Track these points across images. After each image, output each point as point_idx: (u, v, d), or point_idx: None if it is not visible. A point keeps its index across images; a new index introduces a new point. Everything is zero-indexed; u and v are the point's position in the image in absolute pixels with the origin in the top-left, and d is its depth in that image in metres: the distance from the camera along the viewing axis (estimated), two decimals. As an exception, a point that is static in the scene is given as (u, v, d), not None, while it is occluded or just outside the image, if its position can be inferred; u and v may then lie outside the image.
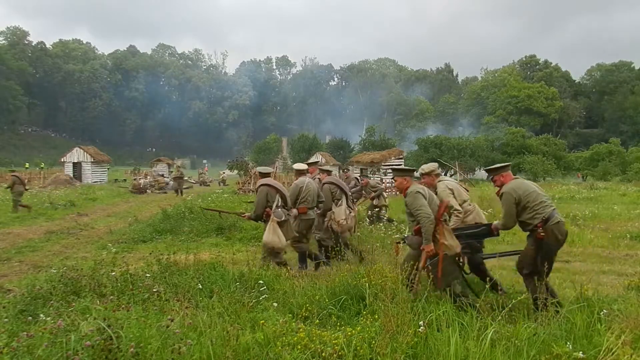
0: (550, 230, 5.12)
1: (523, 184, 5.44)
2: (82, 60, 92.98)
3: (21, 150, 72.78)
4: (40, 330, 3.58)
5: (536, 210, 5.20)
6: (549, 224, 5.14)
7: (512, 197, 5.28)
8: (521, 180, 5.56)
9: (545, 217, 5.15)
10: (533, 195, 5.28)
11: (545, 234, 5.11)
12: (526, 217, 5.25)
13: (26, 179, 33.60)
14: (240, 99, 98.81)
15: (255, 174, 29.63)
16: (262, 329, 3.93)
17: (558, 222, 5.19)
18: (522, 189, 5.32)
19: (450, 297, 4.82)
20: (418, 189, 5.27)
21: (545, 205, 5.24)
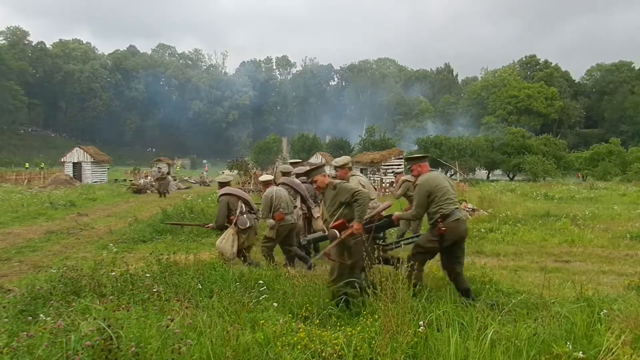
0: (449, 226, 5.32)
1: (437, 178, 5.62)
2: (82, 60, 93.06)
3: (21, 150, 72.80)
4: (40, 330, 3.58)
5: (440, 205, 5.39)
6: (448, 221, 5.33)
7: (425, 189, 5.46)
8: (436, 174, 5.75)
9: (446, 214, 5.35)
10: (443, 190, 5.45)
11: (445, 229, 5.30)
12: (432, 209, 5.45)
13: (26, 179, 33.75)
14: (240, 99, 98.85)
15: (255, 174, 29.64)
16: (262, 329, 3.94)
17: (457, 220, 5.40)
18: (435, 182, 5.50)
19: None
20: None
21: (450, 202, 5.43)
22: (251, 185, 27.63)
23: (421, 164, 5.84)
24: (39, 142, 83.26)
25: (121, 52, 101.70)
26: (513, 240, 10.96)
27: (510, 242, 10.84)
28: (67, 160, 38.90)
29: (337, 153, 50.33)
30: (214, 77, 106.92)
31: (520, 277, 7.21)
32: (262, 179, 8.62)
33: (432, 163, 45.94)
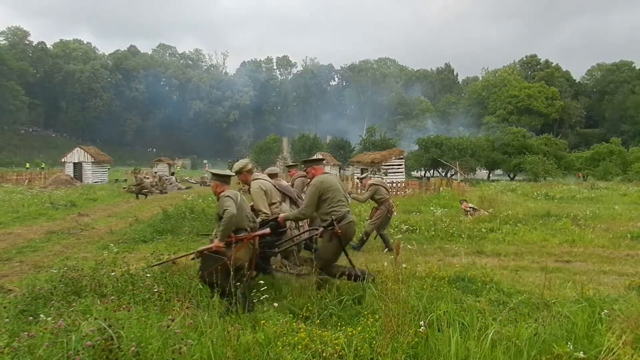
0: (342, 228, 5.47)
1: (329, 180, 5.71)
2: (82, 60, 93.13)
3: (22, 151, 72.88)
4: (41, 330, 3.58)
5: (333, 207, 5.52)
6: (342, 223, 5.49)
7: (317, 189, 5.56)
8: (329, 176, 5.84)
9: (339, 216, 5.48)
10: (335, 192, 5.58)
11: (340, 231, 5.46)
12: (324, 210, 5.56)
13: (27, 179, 33.76)
14: (240, 98, 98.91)
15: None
16: (262, 329, 3.94)
17: (349, 223, 5.59)
18: (327, 184, 5.60)
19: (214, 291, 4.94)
20: (229, 194, 5.30)
21: (342, 205, 5.59)
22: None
23: (315, 167, 5.96)
24: (39, 142, 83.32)
25: (122, 52, 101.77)
26: (514, 240, 10.96)
27: (511, 242, 10.83)
28: (68, 160, 38.91)
29: (337, 153, 50.39)
30: (215, 77, 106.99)
31: (521, 277, 7.21)
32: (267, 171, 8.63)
33: (433, 163, 46.05)
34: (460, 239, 11.16)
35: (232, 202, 5.16)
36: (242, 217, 5.27)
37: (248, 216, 5.41)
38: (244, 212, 5.35)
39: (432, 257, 9.00)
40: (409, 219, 13.76)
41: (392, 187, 25.18)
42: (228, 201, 5.15)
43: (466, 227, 12.19)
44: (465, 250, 9.61)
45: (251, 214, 5.54)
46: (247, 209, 5.49)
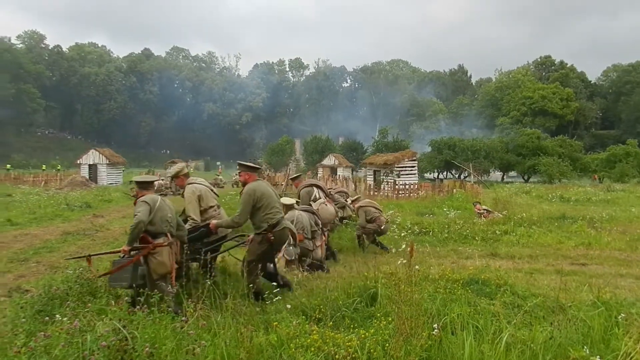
0: (277, 234, 5.60)
1: (263, 187, 5.77)
2: (97, 63, 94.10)
3: (38, 152, 73.85)
4: (57, 330, 3.62)
5: (268, 214, 5.60)
6: (276, 229, 5.60)
7: (251, 197, 5.60)
8: (261, 183, 5.88)
9: (274, 223, 5.59)
10: (269, 199, 5.66)
11: (274, 238, 5.59)
12: (259, 218, 5.61)
13: (43, 180, 34.19)
14: (253, 100, 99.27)
15: (267, 176, 29.73)
16: (275, 330, 3.94)
17: (283, 229, 5.73)
18: (260, 191, 5.66)
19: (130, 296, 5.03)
20: (145, 199, 5.26)
21: (277, 212, 5.69)
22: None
23: (250, 173, 5.96)
24: (55, 144, 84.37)
25: (136, 55, 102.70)
26: (528, 243, 10.86)
27: (526, 244, 10.73)
28: (83, 162, 39.39)
29: (350, 155, 50.33)
30: (228, 79, 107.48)
31: (536, 280, 7.14)
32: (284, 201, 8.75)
33: (446, 164, 45.81)
34: (474, 242, 11.09)
35: (147, 207, 5.13)
36: (158, 222, 5.20)
37: (169, 220, 5.31)
38: (164, 217, 5.27)
39: (446, 260, 8.95)
40: (422, 221, 13.69)
41: (405, 189, 25.10)
42: (141, 207, 5.14)
43: (480, 230, 12.11)
44: (479, 253, 9.55)
45: (173, 219, 5.42)
46: (168, 213, 5.36)
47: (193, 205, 6.10)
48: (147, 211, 5.08)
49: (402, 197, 24.09)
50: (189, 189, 6.25)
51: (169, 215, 5.33)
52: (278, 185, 28.16)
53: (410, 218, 14.40)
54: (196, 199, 6.15)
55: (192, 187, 6.30)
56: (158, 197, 5.35)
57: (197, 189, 6.27)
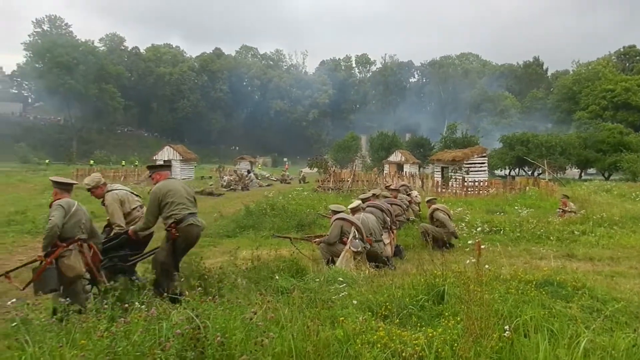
0: (182, 230, 5.44)
1: (169, 184, 5.67)
2: (171, 64, 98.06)
3: (118, 149, 78.07)
4: (136, 317, 3.82)
5: (173, 211, 5.45)
6: (181, 225, 5.45)
7: (156, 196, 5.53)
8: (172, 181, 5.80)
9: (178, 219, 5.43)
10: (176, 195, 5.53)
11: (178, 234, 5.42)
12: (165, 215, 5.51)
13: (123, 175, 36.20)
14: (320, 97, 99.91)
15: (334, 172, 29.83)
16: (341, 325, 3.95)
17: (190, 224, 5.50)
18: (167, 188, 5.58)
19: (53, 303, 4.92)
20: (61, 203, 5.25)
21: (183, 208, 5.50)
22: (330, 183, 27.85)
23: (160, 172, 5.92)
24: (133, 141, 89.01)
25: (207, 54, 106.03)
26: (609, 244, 10.24)
27: (606, 246, 10.13)
28: (159, 158, 41.30)
29: (417, 151, 49.55)
30: (295, 76, 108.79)
31: (617, 283, 6.72)
32: (351, 206, 8.96)
33: (518, 161, 44.03)
34: (548, 241, 10.61)
35: (61, 211, 5.16)
36: (72, 227, 5.24)
37: (81, 226, 5.33)
38: (78, 222, 5.30)
39: (518, 260, 8.63)
40: (493, 219, 13.26)
41: (474, 187, 24.40)
42: (55, 211, 5.17)
43: (555, 229, 11.56)
44: (554, 254, 9.12)
45: (87, 225, 5.45)
46: (83, 219, 5.39)
47: (117, 211, 6.17)
48: (61, 215, 5.15)
49: (471, 195, 23.46)
50: (109, 196, 6.29)
51: (83, 221, 5.38)
52: (344, 181, 28.22)
53: (479, 216, 13.98)
54: (118, 205, 6.22)
55: (112, 193, 6.35)
56: (74, 202, 5.41)
57: (117, 195, 6.33)
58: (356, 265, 7.34)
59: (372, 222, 8.43)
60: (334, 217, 8.35)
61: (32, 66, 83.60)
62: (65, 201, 5.33)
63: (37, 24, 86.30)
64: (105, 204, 6.26)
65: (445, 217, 10.32)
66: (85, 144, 78.89)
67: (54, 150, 71.98)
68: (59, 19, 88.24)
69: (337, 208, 8.74)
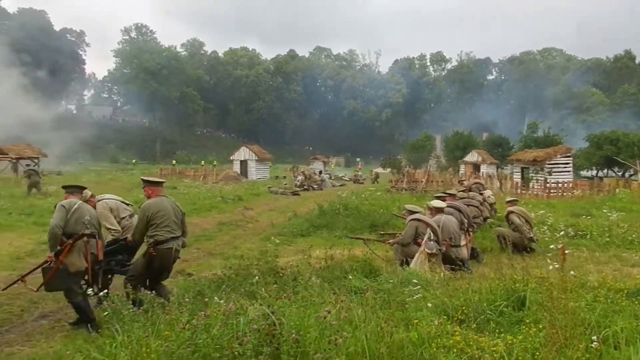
0: (160, 251, 5.56)
1: (160, 204, 5.73)
2: (248, 66, 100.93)
3: (198, 150, 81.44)
4: (215, 311, 3.97)
5: (157, 232, 5.56)
6: (161, 247, 5.56)
7: (145, 214, 5.62)
8: (162, 201, 5.82)
9: (160, 240, 5.54)
10: (163, 217, 5.62)
11: (155, 254, 5.55)
12: (149, 233, 5.60)
13: (202, 175, 37.78)
14: (393, 97, 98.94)
15: (408, 172, 29.43)
16: (416, 328, 3.90)
17: (169, 248, 5.63)
18: (155, 209, 5.64)
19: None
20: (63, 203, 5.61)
21: (167, 231, 5.61)
22: (404, 184, 27.52)
23: (153, 188, 5.97)
24: (212, 142, 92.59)
25: (282, 56, 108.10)
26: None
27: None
28: (236, 158, 42.72)
29: (494, 151, 47.77)
30: (368, 76, 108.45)
31: None
32: (434, 204, 8.77)
33: (607, 161, 41.26)
34: (641, 248, 9.85)
35: (62, 211, 5.48)
36: (74, 223, 5.49)
37: (85, 222, 5.56)
38: (79, 218, 5.55)
39: (606, 267, 8.09)
40: (578, 222, 12.51)
41: (557, 188, 23.21)
42: (57, 212, 5.50)
43: (649, 235, 10.71)
44: (647, 261, 8.46)
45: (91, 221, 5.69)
46: (86, 215, 5.64)
47: (108, 217, 6.52)
48: (61, 215, 5.45)
49: (554, 196, 22.32)
50: (99, 205, 6.59)
51: (87, 217, 5.63)
52: (418, 182, 27.77)
53: (563, 219, 13.25)
54: (109, 211, 6.58)
55: (102, 203, 6.69)
56: (77, 201, 5.73)
57: (107, 204, 6.69)
58: (431, 268, 7.20)
59: (454, 226, 8.24)
60: (409, 217, 8.23)
61: (121, 72, 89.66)
62: (67, 202, 5.68)
63: (125, 32, 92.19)
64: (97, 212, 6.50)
65: (520, 221, 9.87)
66: (167, 145, 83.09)
67: (140, 151, 76.43)
68: (145, 26, 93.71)
69: (412, 208, 8.61)
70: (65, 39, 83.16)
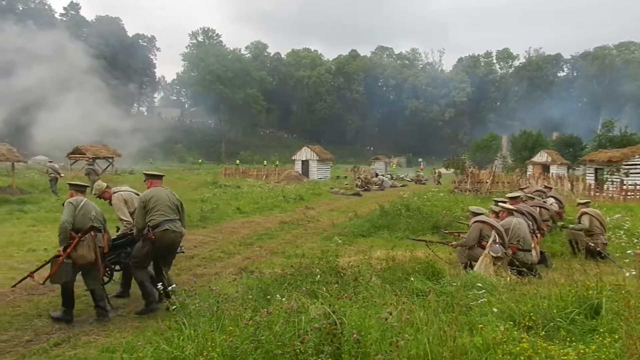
0: (157, 234, 6.07)
1: (155, 193, 6.32)
2: (310, 67, 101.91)
3: (261, 150, 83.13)
4: (277, 309, 4.04)
5: (152, 216, 6.13)
6: (157, 230, 6.08)
7: (142, 202, 6.24)
8: (156, 189, 6.42)
9: (154, 224, 6.08)
10: (158, 203, 6.19)
11: (154, 237, 6.06)
12: (147, 219, 6.16)
13: (264, 174, 38.53)
14: (457, 95, 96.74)
15: (472, 172, 28.64)
16: (480, 333, 3.78)
17: (165, 230, 6.13)
18: (151, 195, 6.25)
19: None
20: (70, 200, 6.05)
21: (161, 215, 6.14)
22: (468, 185, 26.82)
23: (152, 181, 6.61)
24: (274, 142, 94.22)
25: (343, 57, 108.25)
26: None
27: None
28: (297, 158, 43.30)
29: (565, 151, 45.60)
30: (431, 75, 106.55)
31: None
32: (504, 206, 8.51)
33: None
34: None
35: (71, 209, 5.90)
36: (82, 219, 5.89)
37: (91, 217, 5.97)
38: (86, 214, 5.96)
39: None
40: (660, 227, 11.72)
41: (636, 190, 21.87)
42: (66, 209, 5.93)
43: None
44: None
45: (97, 216, 6.09)
46: (92, 211, 6.05)
47: (122, 208, 6.91)
48: (70, 212, 5.86)
49: (631, 199, 21.03)
50: (115, 197, 7.02)
51: (93, 213, 6.04)
52: (483, 182, 26.98)
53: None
54: (123, 203, 6.94)
55: (117, 194, 7.07)
56: (83, 199, 6.14)
57: (122, 195, 7.05)
58: (496, 271, 6.97)
59: (525, 229, 7.92)
60: (473, 219, 8.01)
61: (189, 75, 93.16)
62: (74, 199, 6.10)
63: (192, 36, 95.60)
64: (112, 203, 7.07)
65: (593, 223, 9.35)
66: (232, 145, 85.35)
67: (206, 151, 78.97)
68: (211, 30, 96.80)
69: (477, 210, 8.37)
70: (138, 44, 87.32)
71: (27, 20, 60.93)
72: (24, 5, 75.30)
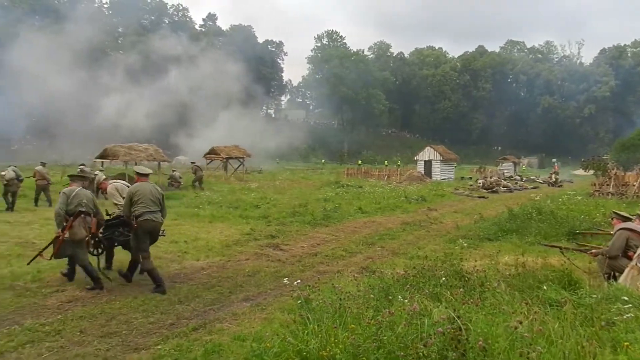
0: (139, 223, 6.97)
1: (140, 187, 7.18)
2: (434, 65, 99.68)
3: (382, 150, 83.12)
4: (399, 310, 4.02)
5: (136, 208, 7.00)
6: (139, 219, 6.97)
7: (129, 194, 7.15)
8: (141, 184, 7.26)
9: (137, 214, 6.97)
10: (141, 196, 7.07)
11: (137, 225, 6.97)
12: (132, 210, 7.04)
13: (386, 175, 38.48)
14: (598, 90, 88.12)
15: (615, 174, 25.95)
16: (626, 352, 3.43)
17: (146, 219, 7.00)
18: (136, 189, 7.15)
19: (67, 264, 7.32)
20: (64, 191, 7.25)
21: (142, 207, 7.02)
22: (610, 188, 24.38)
23: (140, 177, 7.42)
24: (396, 142, 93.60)
25: (470, 53, 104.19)
26: None
27: None
28: (419, 158, 42.63)
29: None
30: (568, 69, 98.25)
31: None
32: None
33: None
34: None
35: (63, 197, 6.98)
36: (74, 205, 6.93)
37: (82, 204, 6.99)
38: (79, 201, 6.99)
39: None
40: None
41: None
42: (60, 198, 7.04)
43: None
44: None
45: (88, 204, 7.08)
46: (83, 199, 7.06)
47: (115, 195, 8.08)
48: (63, 201, 6.94)
49: None
50: (109, 187, 8.37)
51: (84, 201, 7.05)
52: (629, 185, 24.33)
53: None
54: (116, 191, 8.09)
55: (111, 185, 8.40)
56: (75, 188, 7.15)
57: (114, 186, 8.28)
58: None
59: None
60: (617, 225, 7.25)
61: (313, 77, 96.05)
62: (69, 189, 7.16)
63: (317, 39, 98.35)
64: (107, 192, 8.47)
65: None
66: (354, 145, 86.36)
67: (329, 151, 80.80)
68: (335, 32, 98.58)
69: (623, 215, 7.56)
70: (267, 49, 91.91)
71: (175, 32, 67.98)
72: (169, 19, 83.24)
